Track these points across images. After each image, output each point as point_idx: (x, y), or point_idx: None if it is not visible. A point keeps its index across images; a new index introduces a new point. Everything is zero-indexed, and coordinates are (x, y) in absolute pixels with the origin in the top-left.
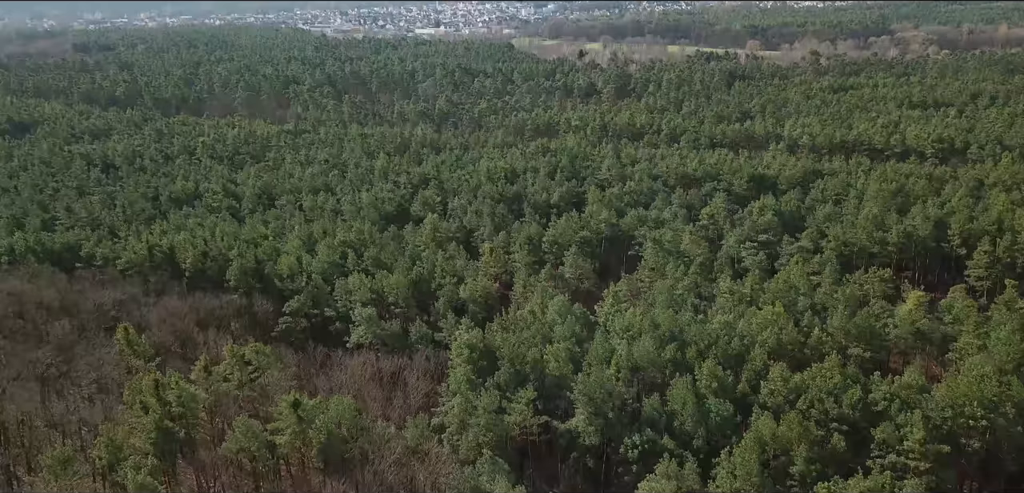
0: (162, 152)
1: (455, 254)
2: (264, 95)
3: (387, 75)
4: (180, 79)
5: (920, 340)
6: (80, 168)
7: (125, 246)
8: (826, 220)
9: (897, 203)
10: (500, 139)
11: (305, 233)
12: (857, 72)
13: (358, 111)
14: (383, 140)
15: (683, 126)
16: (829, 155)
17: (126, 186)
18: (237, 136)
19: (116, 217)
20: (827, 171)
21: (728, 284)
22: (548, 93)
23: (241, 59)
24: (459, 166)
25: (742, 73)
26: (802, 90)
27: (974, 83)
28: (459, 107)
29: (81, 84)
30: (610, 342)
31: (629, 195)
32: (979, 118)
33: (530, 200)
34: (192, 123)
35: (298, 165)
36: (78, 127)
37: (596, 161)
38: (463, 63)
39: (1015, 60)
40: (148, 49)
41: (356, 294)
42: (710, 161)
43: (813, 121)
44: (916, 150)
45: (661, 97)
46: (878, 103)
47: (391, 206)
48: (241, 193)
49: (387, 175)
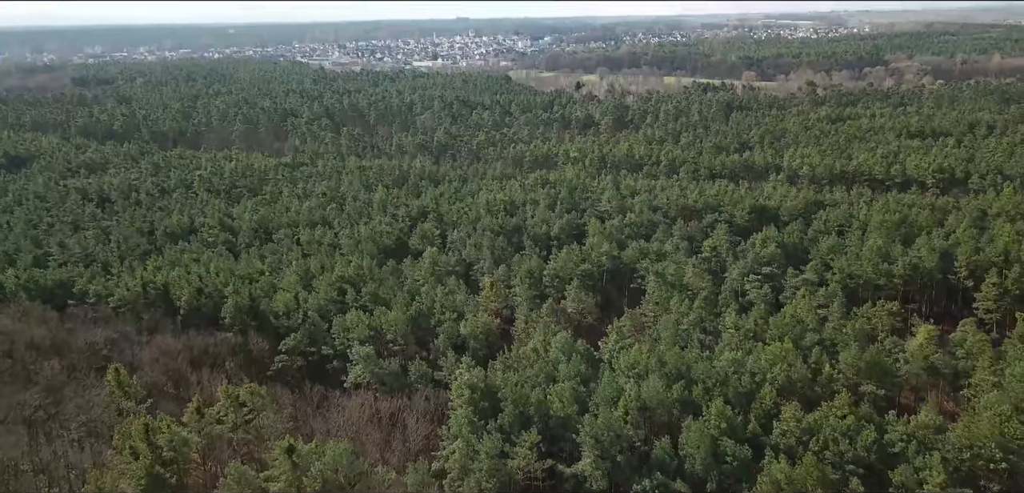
0: (158, 186)
1: (455, 288)
2: (262, 128)
3: (385, 107)
4: (178, 112)
5: (932, 375)
6: (75, 203)
7: (118, 283)
8: (830, 252)
9: (901, 234)
10: (499, 171)
11: (302, 268)
12: (854, 102)
13: (356, 143)
14: (381, 173)
15: (682, 157)
16: (829, 186)
17: (121, 221)
18: (234, 169)
19: (110, 252)
20: (829, 202)
21: (734, 319)
22: (546, 125)
23: (239, 92)
24: (458, 198)
25: (739, 104)
26: (800, 120)
27: (970, 113)
28: (457, 139)
29: (79, 118)
30: (617, 381)
31: (630, 227)
32: (978, 148)
33: (530, 232)
34: (189, 156)
35: (296, 198)
36: (74, 161)
37: (595, 193)
38: (461, 95)
39: (1010, 90)
40: (147, 82)
41: (354, 331)
42: (710, 192)
43: (812, 151)
44: (917, 180)
45: (659, 128)
46: (876, 133)
47: (389, 239)
48: (238, 227)
49: (385, 208)
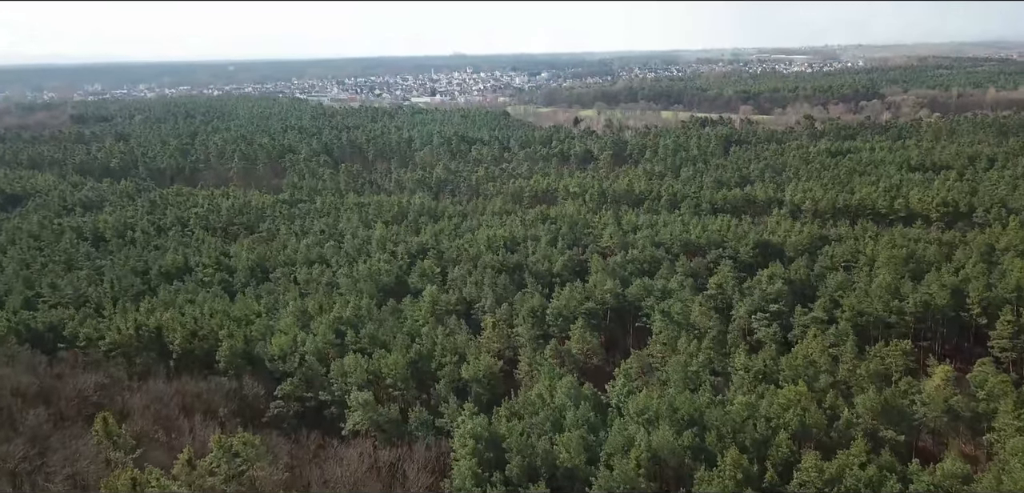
0: (154, 224)
1: (455, 328)
2: (260, 164)
3: (384, 143)
4: (176, 149)
5: (952, 419)
6: (69, 242)
7: (110, 325)
8: (838, 289)
9: (909, 270)
10: (499, 206)
11: (299, 308)
12: (853, 136)
13: (355, 180)
14: (380, 209)
15: (683, 192)
16: (833, 220)
17: (115, 260)
18: (231, 207)
19: (103, 293)
20: (833, 237)
21: (743, 360)
22: (545, 160)
23: (238, 128)
24: (458, 235)
25: (738, 138)
26: (800, 154)
27: (970, 146)
28: (457, 175)
29: (76, 155)
30: (627, 429)
31: (633, 263)
32: (980, 181)
33: (532, 269)
34: (186, 193)
35: (293, 236)
36: (70, 199)
37: (597, 228)
38: (460, 131)
39: (1008, 123)
40: (145, 119)
41: (352, 376)
42: (713, 227)
43: (814, 185)
44: (921, 214)
45: (658, 163)
46: (876, 166)
47: (388, 278)
48: (234, 266)
49: (384, 245)
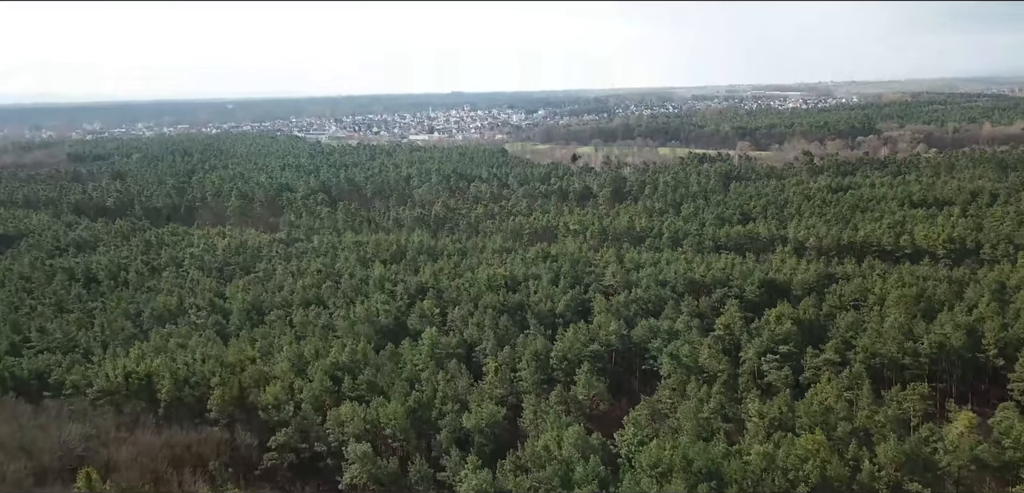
0: (148, 264)
1: (456, 373)
2: (257, 203)
3: (382, 181)
4: (172, 188)
5: (979, 469)
6: (60, 283)
7: (98, 372)
8: (849, 329)
9: (921, 309)
10: (499, 244)
11: (295, 353)
12: (852, 171)
13: (353, 218)
14: (378, 247)
15: (685, 229)
16: (838, 257)
17: (107, 302)
18: (227, 246)
19: (92, 338)
20: (840, 275)
21: (757, 406)
22: (544, 197)
23: (235, 166)
24: (457, 274)
25: (737, 174)
26: (800, 190)
27: (970, 181)
28: (455, 212)
29: (72, 194)
30: (639, 484)
31: (637, 303)
32: (985, 217)
33: (534, 310)
34: (182, 233)
35: (290, 276)
36: (64, 239)
37: (599, 267)
38: (458, 168)
39: (1006, 158)
40: (143, 158)
41: (349, 426)
42: (718, 266)
43: (817, 222)
44: (927, 251)
45: (658, 199)
46: (878, 202)
47: (387, 319)
48: (228, 308)
49: (383, 285)
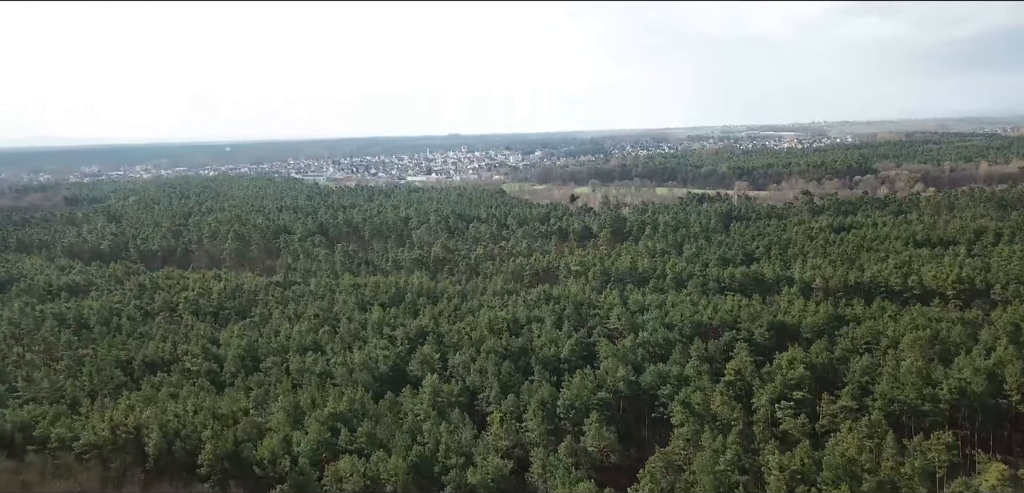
0: (141, 309)
1: (459, 423)
2: (254, 245)
3: (380, 222)
4: (168, 230)
5: None
6: (50, 329)
7: (85, 424)
8: (864, 374)
9: (936, 352)
10: (499, 286)
11: (291, 403)
12: (853, 211)
13: (351, 260)
14: (377, 290)
15: (688, 270)
16: (845, 298)
17: (98, 349)
18: (223, 290)
19: (80, 388)
20: (851, 317)
21: (777, 459)
22: (544, 237)
23: (232, 208)
24: (458, 317)
25: (737, 214)
26: (802, 230)
27: (972, 220)
28: (455, 253)
29: (66, 237)
30: None
31: (644, 347)
32: (992, 257)
33: (538, 355)
34: (177, 276)
35: (286, 320)
36: (56, 283)
37: (603, 309)
38: (457, 209)
39: (1006, 197)
40: (139, 200)
41: (348, 482)
42: (725, 308)
43: (822, 262)
44: (936, 291)
45: (659, 240)
46: (882, 242)
47: (386, 366)
48: (223, 355)
49: (381, 329)
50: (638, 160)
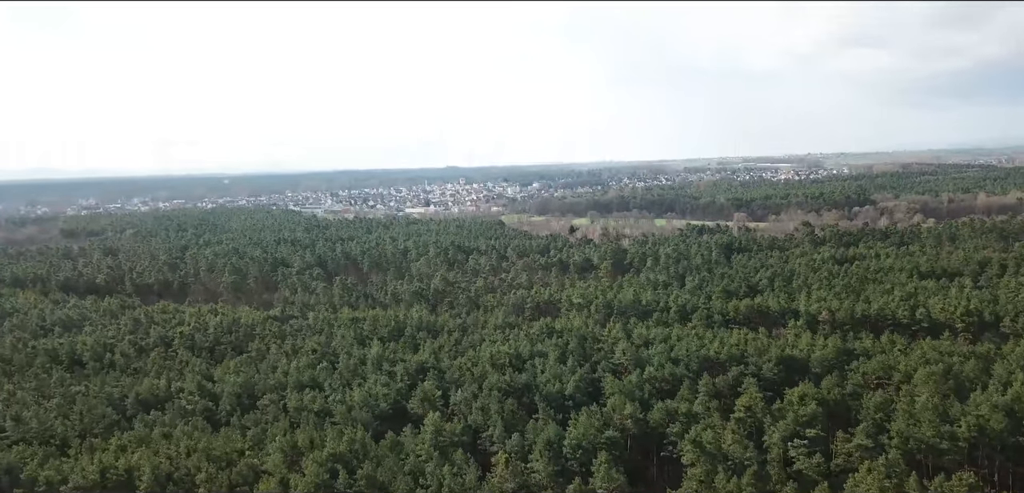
0: (136, 345)
1: (463, 465)
2: (251, 279)
3: (379, 255)
4: (164, 264)
5: None
6: (42, 366)
7: (74, 466)
8: (878, 410)
9: (950, 388)
10: (501, 319)
11: (289, 443)
12: (855, 242)
13: (349, 293)
14: (376, 324)
15: (692, 303)
16: (852, 331)
17: (91, 386)
18: (219, 324)
19: (71, 427)
20: (860, 351)
21: None
22: (544, 269)
23: (230, 241)
24: (459, 352)
25: (738, 245)
26: (805, 261)
27: (975, 251)
28: (455, 286)
29: (61, 271)
30: None
31: (650, 383)
32: (999, 288)
33: (542, 391)
34: (173, 311)
35: (284, 356)
36: (50, 318)
37: (607, 343)
38: (456, 240)
39: (1007, 228)
40: (137, 233)
41: None
42: (731, 342)
43: (827, 295)
44: (945, 324)
45: (661, 272)
46: (886, 274)
47: (386, 403)
48: (219, 392)
49: (381, 365)
50: (636, 191)
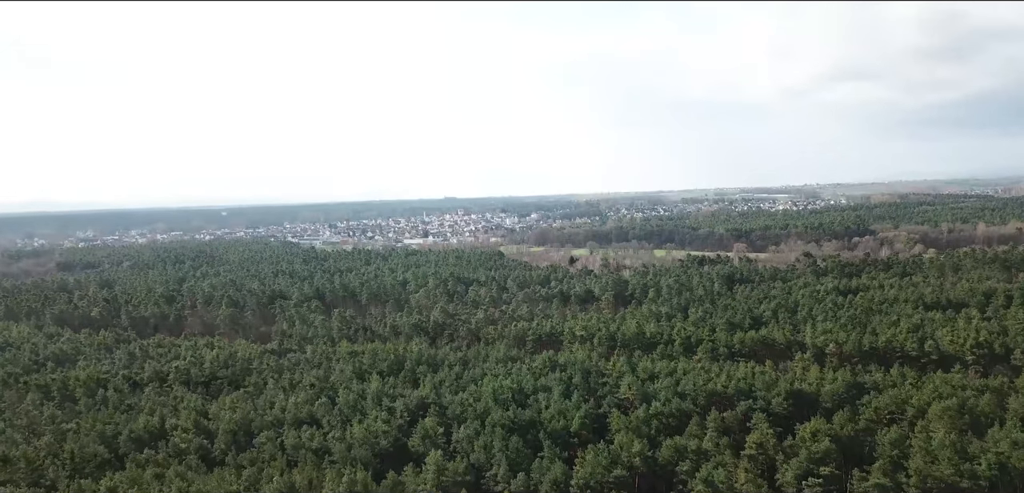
0: (130, 380)
1: None
2: (248, 311)
3: (378, 286)
4: (161, 296)
5: None
6: (33, 402)
7: None
8: (894, 447)
9: (967, 423)
10: (502, 352)
11: (286, 483)
12: (858, 272)
13: (348, 326)
14: (375, 358)
15: (697, 335)
16: (861, 364)
17: (83, 423)
18: (215, 358)
19: (60, 468)
20: (870, 384)
21: None
22: (545, 300)
23: (227, 273)
24: (460, 386)
25: (740, 276)
26: (808, 292)
27: (979, 282)
28: (455, 318)
29: (56, 304)
30: None
31: (657, 419)
32: (1007, 320)
33: (547, 428)
34: (168, 344)
35: (281, 391)
36: (42, 352)
37: (612, 377)
38: (455, 271)
39: (1010, 258)
40: (134, 265)
41: None
42: (738, 375)
43: (833, 326)
44: (955, 357)
45: (663, 303)
46: (891, 305)
47: (387, 441)
48: (214, 428)
49: (381, 400)
50: (634, 222)
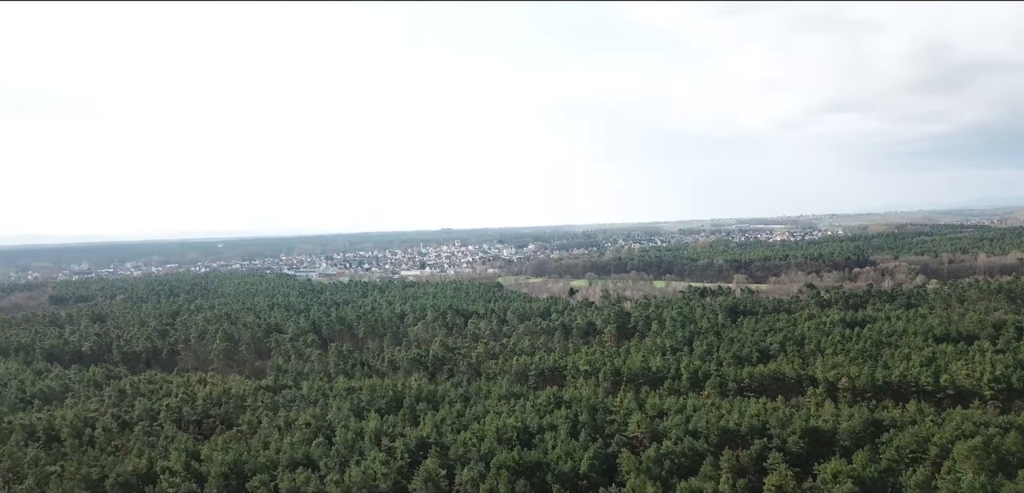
0: (119, 418)
1: None
2: (243, 345)
3: (375, 319)
4: (154, 330)
5: None
6: (16, 444)
7: None
8: (920, 490)
9: (994, 463)
10: (504, 388)
11: None
12: (862, 304)
13: (345, 361)
14: (373, 394)
15: (704, 369)
16: (875, 399)
17: (67, 466)
18: (208, 395)
19: None
20: (888, 421)
21: None
22: (546, 333)
23: (222, 307)
24: (462, 425)
25: (743, 308)
26: (814, 324)
27: (987, 313)
28: (455, 352)
29: (47, 339)
30: None
31: (669, 459)
32: (1022, 352)
33: (554, 469)
34: (160, 380)
35: (276, 430)
36: (30, 389)
37: (619, 415)
38: (454, 303)
39: (1015, 289)
40: (127, 299)
41: None
42: (751, 412)
43: (844, 360)
44: (973, 392)
45: (667, 336)
46: (900, 337)
47: (386, 484)
48: (205, 472)
49: (379, 440)
50: (632, 253)
